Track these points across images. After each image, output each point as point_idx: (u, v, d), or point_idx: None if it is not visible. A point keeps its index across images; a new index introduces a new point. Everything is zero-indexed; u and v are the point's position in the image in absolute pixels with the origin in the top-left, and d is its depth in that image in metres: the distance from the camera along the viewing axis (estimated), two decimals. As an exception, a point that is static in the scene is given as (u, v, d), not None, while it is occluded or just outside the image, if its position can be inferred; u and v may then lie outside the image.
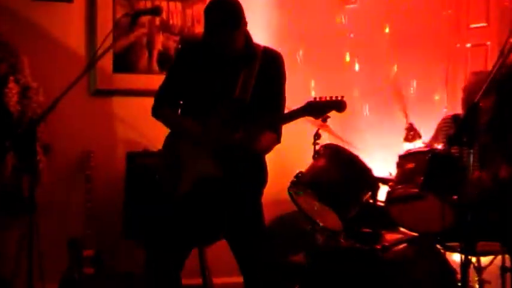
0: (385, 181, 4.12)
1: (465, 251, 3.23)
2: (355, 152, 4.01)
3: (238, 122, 3.34)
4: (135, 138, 4.95)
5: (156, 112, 3.57)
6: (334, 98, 3.19)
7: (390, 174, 4.27)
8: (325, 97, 3.20)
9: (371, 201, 4.03)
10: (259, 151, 3.44)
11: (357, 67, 5.41)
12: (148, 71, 5.02)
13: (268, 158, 3.64)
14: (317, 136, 4.12)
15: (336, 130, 4.45)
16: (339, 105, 3.22)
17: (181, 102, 3.62)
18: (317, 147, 4.06)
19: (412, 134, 4.39)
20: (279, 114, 3.42)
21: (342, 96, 3.22)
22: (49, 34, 4.74)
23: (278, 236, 4.69)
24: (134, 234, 4.60)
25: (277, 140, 3.53)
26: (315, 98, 3.24)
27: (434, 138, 4.60)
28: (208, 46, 3.42)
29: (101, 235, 4.71)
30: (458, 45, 5.40)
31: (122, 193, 4.74)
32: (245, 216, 3.50)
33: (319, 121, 3.58)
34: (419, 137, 4.44)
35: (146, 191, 4.49)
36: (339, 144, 4.10)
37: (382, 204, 4.09)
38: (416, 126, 4.47)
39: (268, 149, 3.49)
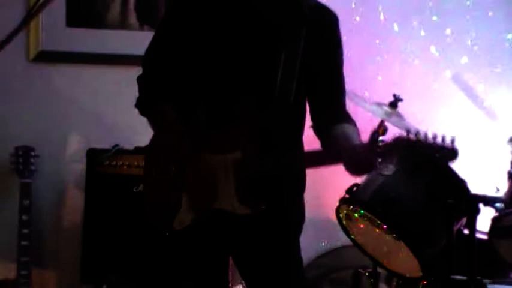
0: (489, 201, 3.52)
1: None
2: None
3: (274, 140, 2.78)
4: (101, 129, 4.43)
5: (149, 103, 2.91)
6: (438, 140, 2.50)
7: (497, 190, 3.83)
8: (417, 132, 2.50)
9: (466, 231, 3.46)
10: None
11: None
12: (121, 24, 4.49)
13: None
14: (381, 130, 3.71)
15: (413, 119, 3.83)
16: (447, 154, 2.54)
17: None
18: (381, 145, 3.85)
19: None
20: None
21: (454, 139, 2.51)
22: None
23: (318, 285, 4.45)
24: (96, 277, 4.09)
25: None
26: (379, 131, 2.68)
27: None
28: None
29: (44, 278, 4.32)
30: None
31: (80, 213, 4.25)
32: (277, 262, 2.94)
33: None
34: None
35: (118, 210, 4.06)
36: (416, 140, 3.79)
37: (484, 236, 3.71)
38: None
39: None
